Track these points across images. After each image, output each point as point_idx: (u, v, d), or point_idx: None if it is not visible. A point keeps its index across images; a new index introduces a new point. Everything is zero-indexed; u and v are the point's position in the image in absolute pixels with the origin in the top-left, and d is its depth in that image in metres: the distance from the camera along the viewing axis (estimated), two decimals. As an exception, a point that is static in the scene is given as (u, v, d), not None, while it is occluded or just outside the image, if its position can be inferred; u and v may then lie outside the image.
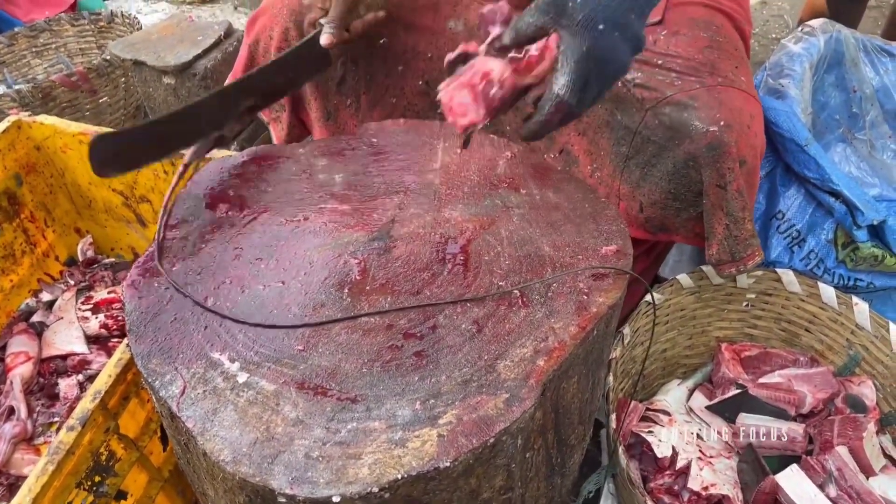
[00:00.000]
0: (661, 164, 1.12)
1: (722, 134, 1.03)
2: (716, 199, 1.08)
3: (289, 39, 1.26)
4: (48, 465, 0.87)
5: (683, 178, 1.11)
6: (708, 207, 1.10)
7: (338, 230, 0.94)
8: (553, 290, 0.85)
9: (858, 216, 1.20)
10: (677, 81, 1.08)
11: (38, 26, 2.42)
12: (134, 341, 0.81)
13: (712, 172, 1.06)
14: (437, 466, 0.67)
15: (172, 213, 0.99)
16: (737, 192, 1.06)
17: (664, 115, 1.08)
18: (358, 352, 0.78)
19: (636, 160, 1.15)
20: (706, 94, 1.05)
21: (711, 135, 1.03)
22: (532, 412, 0.74)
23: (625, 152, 1.15)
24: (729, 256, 1.13)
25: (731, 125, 1.03)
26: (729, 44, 1.12)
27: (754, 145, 1.06)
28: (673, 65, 1.09)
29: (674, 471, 1.19)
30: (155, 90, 1.94)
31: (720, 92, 1.05)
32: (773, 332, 1.40)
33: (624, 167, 1.17)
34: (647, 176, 1.15)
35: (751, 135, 1.05)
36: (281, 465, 0.68)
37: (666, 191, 1.13)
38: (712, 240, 1.13)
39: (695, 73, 1.08)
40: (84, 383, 1.41)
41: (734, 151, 1.04)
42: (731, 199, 1.07)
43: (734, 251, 1.12)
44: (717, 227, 1.11)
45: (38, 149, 1.50)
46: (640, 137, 1.12)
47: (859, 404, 1.26)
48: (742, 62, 1.12)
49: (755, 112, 1.07)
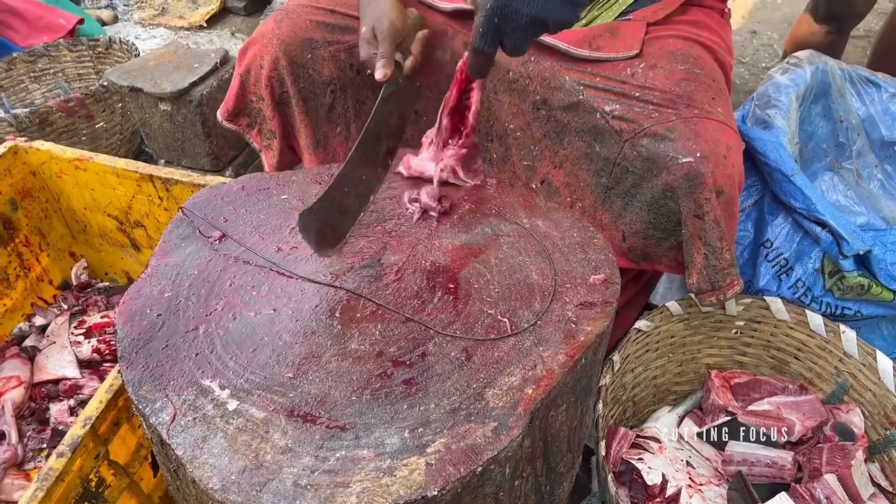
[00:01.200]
0: (641, 195, 1.13)
1: (698, 165, 1.04)
2: (694, 229, 1.09)
3: (279, 68, 1.28)
4: (38, 491, 0.87)
5: (662, 209, 1.12)
6: (686, 237, 1.11)
7: (329, 258, 0.94)
8: (542, 319, 0.86)
9: (844, 246, 1.21)
10: (654, 114, 1.10)
11: (36, 52, 2.44)
12: (125, 368, 0.81)
13: (689, 203, 1.07)
14: (424, 495, 0.67)
15: (165, 240, 1.00)
16: (714, 223, 1.08)
17: (642, 147, 1.09)
18: (348, 379, 0.79)
19: (616, 190, 1.16)
20: (682, 125, 1.07)
21: (688, 165, 1.05)
22: (520, 440, 0.74)
23: (605, 183, 1.17)
24: (709, 286, 1.14)
25: (708, 156, 1.04)
26: (706, 75, 1.14)
27: (731, 175, 1.07)
28: (650, 97, 1.11)
29: (664, 498, 1.19)
30: (151, 116, 1.96)
31: (696, 123, 1.07)
32: (762, 359, 1.41)
33: (605, 197, 1.18)
34: (628, 206, 1.16)
35: (728, 165, 1.06)
36: (269, 494, 0.68)
37: (646, 220, 1.15)
38: (692, 269, 1.14)
39: (671, 105, 1.10)
40: (75, 408, 1.41)
41: (710, 182, 1.05)
42: (708, 229, 1.08)
43: (713, 280, 1.13)
44: (696, 256, 1.12)
45: (34, 174, 1.51)
46: (619, 168, 1.13)
47: (847, 432, 1.27)
48: (720, 93, 1.14)
49: (732, 143, 1.09)
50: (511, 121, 1.27)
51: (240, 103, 1.37)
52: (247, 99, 1.37)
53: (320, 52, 1.28)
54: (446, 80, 1.31)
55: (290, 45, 1.27)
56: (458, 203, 1.05)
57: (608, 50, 1.16)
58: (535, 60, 1.20)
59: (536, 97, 1.21)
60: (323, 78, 1.30)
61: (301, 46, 1.27)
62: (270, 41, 1.28)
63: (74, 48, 2.48)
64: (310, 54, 1.28)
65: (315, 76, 1.30)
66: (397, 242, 0.98)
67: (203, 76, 1.90)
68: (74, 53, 2.48)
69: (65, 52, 2.48)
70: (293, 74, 1.29)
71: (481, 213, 1.04)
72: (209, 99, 1.88)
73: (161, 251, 0.99)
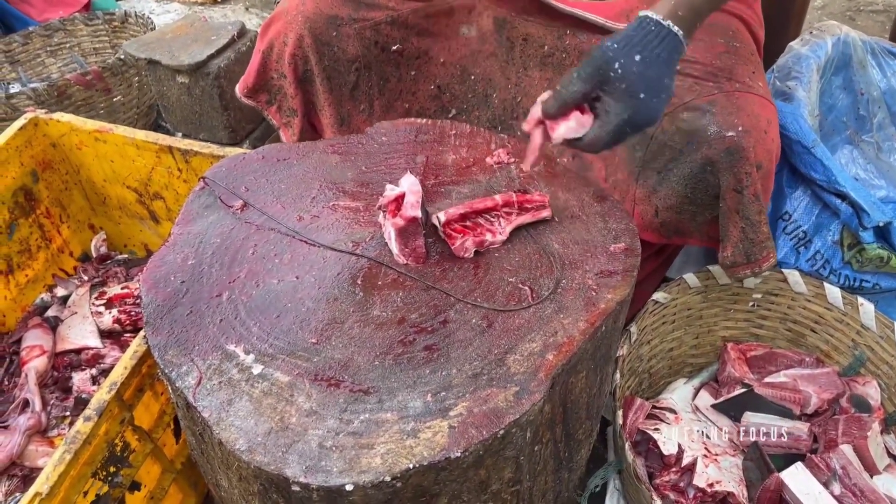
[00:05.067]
0: (679, 169, 1.13)
1: (740, 139, 1.04)
2: (732, 202, 1.09)
3: (303, 46, 1.26)
4: (66, 454, 0.89)
5: (701, 183, 1.12)
6: (724, 211, 1.11)
7: (350, 226, 0.95)
8: (562, 287, 0.87)
9: (864, 217, 1.21)
10: (695, 87, 1.09)
11: (52, 26, 2.44)
12: (151, 333, 0.82)
13: (730, 177, 1.07)
14: (447, 457, 0.69)
15: (187, 209, 1.01)
16: (753, 196, 1.08)
17: (682, 121, 1.09)
18: (370, 345, 0.80)
19: (653, 165, 1.16)
20: (724, 99, 1.07)
21: (730, 140, 1.05)
22: (541, 405, 0.75)
23: (641, 157, 1.16)
24: (744, 258, 1.14)
25: (749, 130, 1.04)
26: (745, 49, 1.13)
27: (770, 150, 1.07)
28: (691, 70, 1.10)
29: (679, 468, 1.20)
30: (169, 89, 1.96)
31: (738, 97, 1.07)
32: (778, 332, 1.41)
33: (640, 172, 1.18)
34: (664, 181, 1.16)
35: (767, 140, 1.06)
36: (295, 455, 0.69)
37: (682, 195, 1.15)
38: (727, 242, 1.14)
39: (713, 79, 1.09)
40: (97, 377, 1.43)
41: (752, 156, 1.05)
42: (747, 202, 1.08)
43: (749, 253, 1.13)
44: (732, 230, 1.12)
45: (54, 146, 1.52)
46: (656, 143, 1.13)
47: (864, 404, 1.27)
48: (758, 67, 1.14)
49: (772, 117, 1.09)
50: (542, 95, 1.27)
51: (260, 80, 1.37)
52: (268, 76, 1.36)
53: (345, 30, 1.27)
54: (470, 56, 1.31)
55: (315, 22, 1.25)
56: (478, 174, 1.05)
57: None
58: (572, 34, 1.19)
59: None
60: (347, 56, 1.29)
61: (326, 23, 1.25)
62: (295, 18, 1.26)
63: (90, 22, 2.48)
64: (335, 31, 1.26)
65: (340, 54, 1.28)
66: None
67: (220, 49, 1.90)
68: (90, 27, 2.49)
69: (81, 27, 2.48)
70: (318, 52, 1.27)
71: (501, 183, 1.04)
72: (227, 72, 1.88)
73: (183, 220, 0.99)
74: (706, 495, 1.15)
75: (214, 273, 0.90)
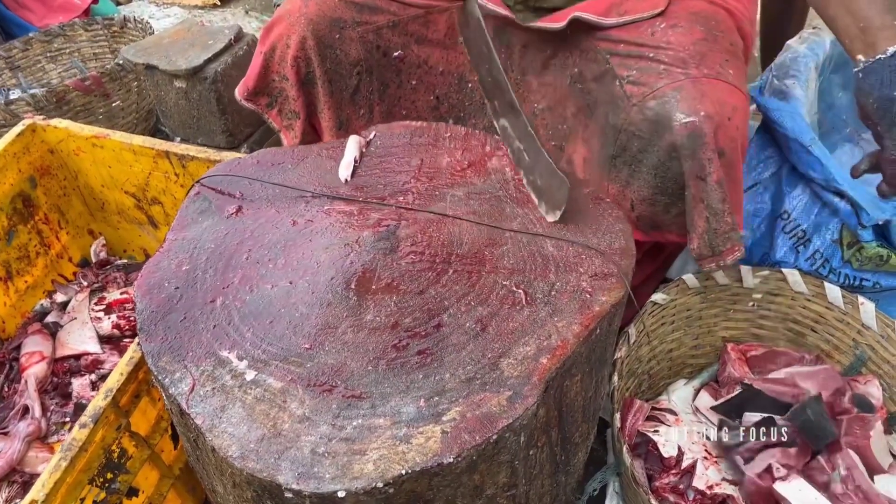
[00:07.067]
0: (647, 159, 1.11)
1: (702, 124, 1.02)
2: (696, 190, 1.07)
3: (306, 48, 1.25)
4: (62, 461, 0.89)
5: (668, 171, 1.10)
6: (689, 200, 1.09)
7: (344, 230, 0.95)
8: (556, 289, 0.86)
9: (863, 216, 1.20)
10: (664, 74, 1.08)
11: (52, 31, 2.45)
12: (144, 340, 0.82)
13: (693, 163, 1.05)
14: (440, 462, 0.68)
15: (182, 215, 1.01)
16: (716, 184, 1.05)
17: (649, 109, 1.08)
18: (364, 350, 0.80)
19: (623, 158, 1.15)
20: (690, 85, 1.05)
21: (692, 125, 1.03)
22: (535, 409, 0.75)
23: (611, 152, 1.15)
24: (709, 251, 1.11)
25: (712, 116, 1.02)
26: (725, 38, 1.12)
27: (734, 138, 1.05)
28: (663, 56, 1.09)
29: (679, 470, 1.19)
30: (166, 94, 1.96)
31: (704, 83, 1.05)
32: (779, 331, 1.41)
33: (611, 167, 1.16)
34: (635, 173, 1.14)
35: (731, 127, 1.04)
36: (287, 461, 0.69)
37: (653, 186, 1.13)
38: (693, 233, 1.11)
39: (682, 65, 1.08)
40: (97, 383, 1.43)
41: (712, 142, 1.03)
42: (710, 190, 1.06)
43: (714, 245, 1.10)
44: (697, 220, 1.10)
45: (52, 152, 1.53)
46: (625, 134, 1.12)
47: (866, 404, 1.26)
48: (735, 57, 1.12)
49: (739, 105, 1.06)
50: (539, 101, 1.26)
51: (261, 83, 1.36)
52: (269, 78, 1.35)
53: (348, 33, 1.25)
54: (467, 63, 1.31)
55: (318, 25, 1.24)
56: (472, 177, 1.05)
57: (633, 11, 1.15)
58: (572, 33, 1.19)
59: (574, 70, 1.20)
60: (350, 59, 1.28)
61: (329, 26, 1.24)
62: (298, 20, 1.25)
63: (90, 27, 2.49)
64: (338, 34, 1.25)
65: (342, 57, 1.27)
66: (412, 215, 0.98)
67: (217, 53, 1.90)
68: (90, 33, 2.49)
69: (80, 32, 2.48)
70: (320, 55, 1.26)
71: (496, 186, 1.03)
72: (224, 76, 1.88)
73: (178, 226, 0.99)
74: (706, 498, 1.15)
75: (208, 279, 0.90)
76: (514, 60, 1.28)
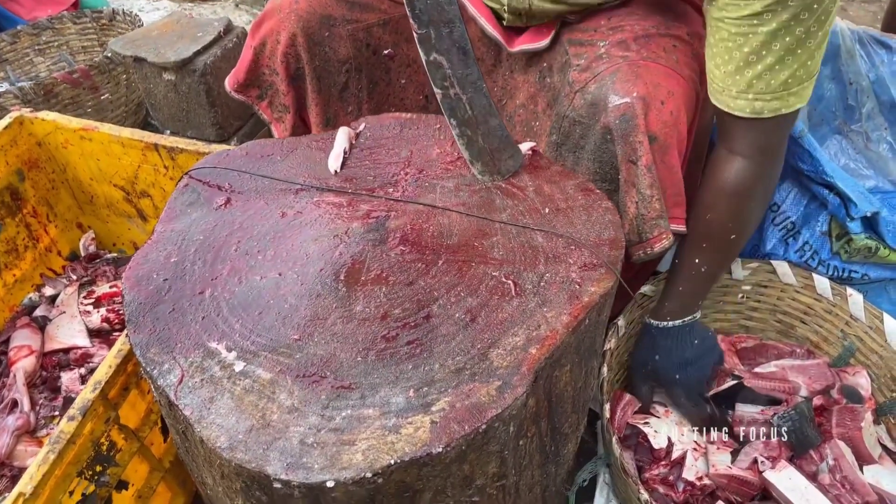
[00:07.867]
0: (587, 144, 1.09)
1: (633, 105, 1.00)
2: (628, 174, 1.05)
3: (295, 45, 1.24)
4: (49, 453, 0.89)
5: (604, 154, 1.08)
6: (622, 184, 1.07)
7: (333, 222, 0.95)
8: (546, 280, 0.86)
9: (852, 208, 1.20)
10: (605, 58, 1.07)
11: (40, 24, 2.43)
12: (133, 331, 0.82)
13: (625, 146, 1.03)
14: (429, 452, 0.68)
15: (170, 207, 1.00)
16: (646, 168, 1.03)
17: (588, 94, 1.06)
18: (353, 341, 0.80)
19: (567, 146, 1.13)
20: (626, 67, 1.03)
21: (624, 106, 1.01)
22: (524, 399, 0.75)
23: (555, 140, 1.14)
24: (637, 237, 1.09)
25: (644, 98, 1.00)
26: (679, 28, 1.10)
27: (667, 123, 1.02)
28: (609, 41, 1.08)
29: (669, 461, 1.20)
30: (155, 86, 1.95)
31: (640, 66, 1.03)
32: (768, 323, 1.41)
33: (557, 156, 1.15)
34: (579, 160, 1.12)
35: (664, 112, 1.01)
36: (276, 452, 0.69)
37: (593, 172, 1.11)
38: (625, 219, 1.09)
39: (624, 49, 1.06)
40: (86, 376, 1.42)
41: (643, 125, 1.01)
42: (640, 174, 1.03)
43: (641, 231, 1.08)
44: (629, 204, 1.07)
45: (40, 145, 1.52)
46: (567, 121, 1.10)
47: (855, 394, 1.27)
48: (684, 44, 1.10)
49: (676, 90, 1.03)
50: (519, 97, 1.26)
51: (251, 75, 1.35)
52: (259, 71, 1.34)
53: (338, 30, 1.25)
54: None
55: (308, 22, 1.23)
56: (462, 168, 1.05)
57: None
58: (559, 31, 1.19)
59: (543, 64, 1.19)
60: (339, 56, 1.27)
61: (319, 23, 1.24)
62: (288, 16, 1.24)
63: (78, 20, 2.47)
64: (328, 32, 1.24)
65: (331, 54, 1.27)
66: (402, 207, 0.98)
67: (207, 45, 1.89)
68: (78, 26, 2.47)
69: (69, 25, 2.47)
70: (309, 52, 1.25)
71: (486, 177, 1.03)
72: (213, 68, 1.87)
73: (166, 217, 0.99)
74: (695, 489, 1.15)
75: (197, 270, 0.90)
76: (503, 59, 1.29)
